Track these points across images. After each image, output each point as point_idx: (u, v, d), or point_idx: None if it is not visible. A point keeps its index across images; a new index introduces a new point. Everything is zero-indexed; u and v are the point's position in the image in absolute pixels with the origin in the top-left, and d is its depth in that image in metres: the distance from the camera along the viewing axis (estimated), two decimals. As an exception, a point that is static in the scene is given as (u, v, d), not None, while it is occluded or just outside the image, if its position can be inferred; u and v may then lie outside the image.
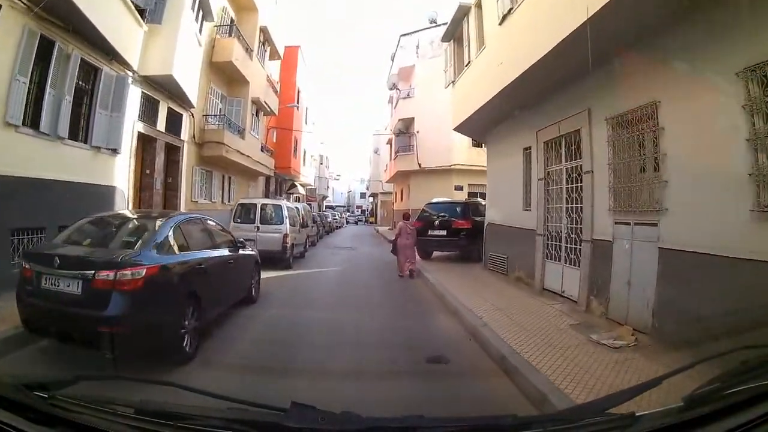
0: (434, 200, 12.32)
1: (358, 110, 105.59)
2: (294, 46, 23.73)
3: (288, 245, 9.43)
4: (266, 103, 16.71)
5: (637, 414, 1.05)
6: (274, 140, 22.39)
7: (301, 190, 29.74)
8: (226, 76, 13.67)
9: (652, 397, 1.25)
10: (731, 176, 3.29)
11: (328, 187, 55.72)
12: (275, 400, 1.15)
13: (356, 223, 48.56)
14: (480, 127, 9.37)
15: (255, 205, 9.88)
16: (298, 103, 25.46)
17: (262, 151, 17.39)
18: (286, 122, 22.55)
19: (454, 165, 20.74)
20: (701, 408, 1.04)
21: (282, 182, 26.20)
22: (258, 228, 9.52)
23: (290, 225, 9.71)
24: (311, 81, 31.38)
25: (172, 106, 10.05)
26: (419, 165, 21.59)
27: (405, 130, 23.34)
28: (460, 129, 10.33)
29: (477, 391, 3.25)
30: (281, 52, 19.23)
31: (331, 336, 4.56)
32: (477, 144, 21.95)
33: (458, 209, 11.17)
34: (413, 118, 22.34)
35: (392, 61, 25.46)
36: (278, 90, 20.96)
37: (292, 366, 3.68)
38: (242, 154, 14.04)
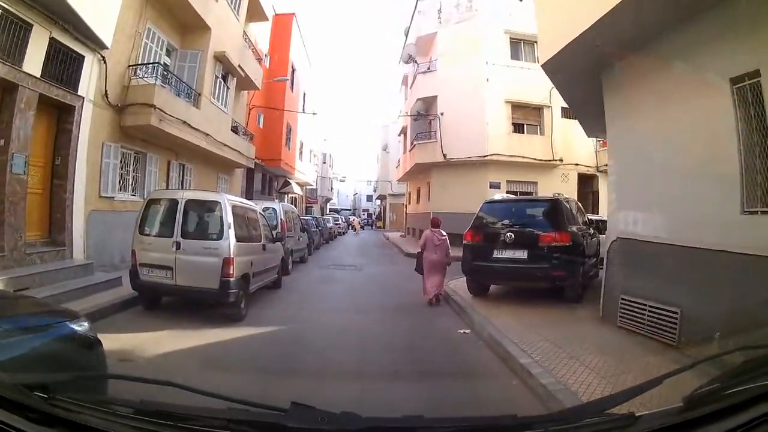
0: (496, 197, 8.76)
1: (366, 110, 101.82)
2: (288, 14, 21.57)
3: (233, 278, 5.82)
4: (241, 69, 13.95)
5: (637, 414, 1.07)
6: (260, 125, 20.30)
7: (297, 190, 25.46)
8: (174, 16, 10.87)
9: (652, 397, 1.24)
10: None
11: (331, 188, 54.72)
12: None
13: (362, 227, 47.14)
14: (593, 59, 5.78)
15: (176, 202, 6.16)
16: (293, 84, 23.27)
17: (236, 133, 14.75)
18: (275, 104, 20.32)
19: (491, 156, 17.81)
20: (701, 408, 1.06)
21: (272, 179, 24.58)
22: (178, 246, 5.88)
23: (240, 240, 6.24)
24: (311, 64, 29.63)
25: (60, 39, 6.98)
26: (444, 156, 18.60)
27: (425, 112, 20.69)
28: (553, 65, 6.42)
29: None
30: (269, 13, 17.21)
31: None
32: (519, 128, 19.23)
33: (544, 213, 7.33)
34: (435, 97, 19.56)
35: (406, 36, 23.43)
36: (266, 62, 19.33)
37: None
38: (195, 129, 10.99)
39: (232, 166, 15.66)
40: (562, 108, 18.30)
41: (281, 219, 10.31)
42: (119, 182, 9.21)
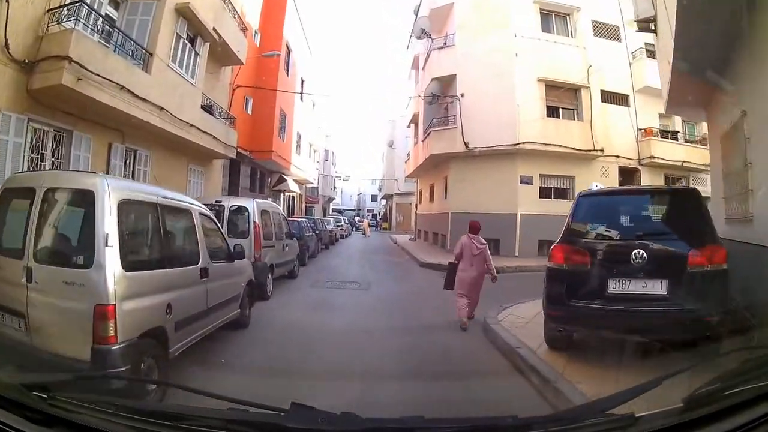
0: (593, 187, 5.60)
1: (370, 109, 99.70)
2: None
3: (115, 346, 2.94)
4: (216, 33, 11.75)
5: (637, 414, 1.11)
6: (248, 111, 18.12)
7: (294, 188, 22.92)
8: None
9: (652, 398, 1.23)
10: None
11: (334, 188, 53.31)
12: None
13: (374, 227, 45.91)
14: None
15: (31, 195, 3.45)
16: (288, 67, 20.87)
17: (209, 113, 12.38)
18: (267, 86, 17.81)
19: (522, 144, 15.66)
20: (701, 408, 1.10)
21: (264, 174, 22.19)
22: (29, 275, 3.24)
23: (141, 265, 3.58)
24: (311, 53, 27.25)
25: None
26: (465, 145, 16.23)
27: (441, 94, 18.07)
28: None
29: None
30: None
31: None
32: (553, 112, 16.60)
33: (677, 213, 4.56)
34: (454, 76, 17.23)
35: (416, 15, 20.96)
36: (256, 40, 17.64)
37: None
38: (142, 99, 8.55)
39: (209, 156, 13.22)
40: (601, 91, 16.70)
41: (254, 222, 7.43)
42: (29, 169, 6.96)
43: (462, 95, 16.46)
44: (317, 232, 17.14)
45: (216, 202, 8.10)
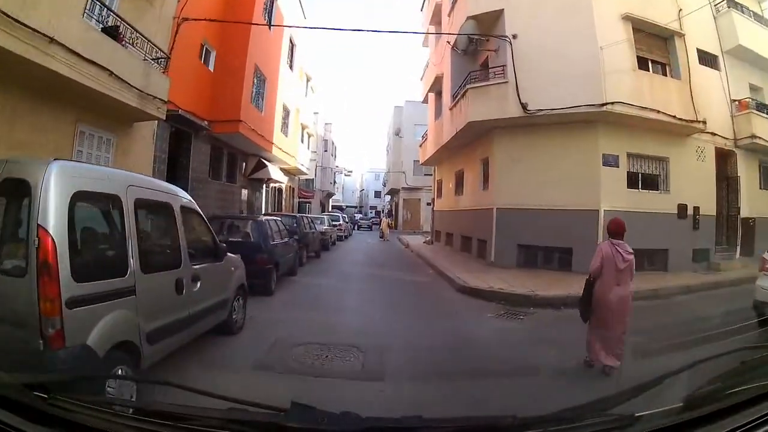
0: None
1: (374, 103, 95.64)
2: None
3: None
4: None
5: (637, 414, 1.11)
6: (209, 66, 13.44)
7: (280, 177, 17.93)
8: None
9: (652, 397, 1.25)
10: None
11: (334, 182, 49.86)
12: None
13: (369, 227, 41.49)
14: None
15: None
16: (270, 18, 15.86)
17: (112, 36, 7.59)
18: (238, 37, 13.46)
19: (610, 106, 10.47)
20: (701, 408, 1.10)
21: (235, 156, 16.85)
22: None
23: None
24: (305, 16, 22.22)
25: None
26: (523, 107, 11.16)
27: (480, 40, 12.90)
28: None
29: None
30: None
31: None
32: (642, 64, 11.70)
33: None
34: (501, 12, 12.27)
35: None
36: None
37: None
38: None
39: (121, 115, 8.26)
40: (697, 50, 12.62)
41: (39, 231, 2.99)
42: None
43: (514, 37, 11.51)
44: (297, 237, 11.35)
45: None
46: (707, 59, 13.25)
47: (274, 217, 10.47)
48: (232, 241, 7.75)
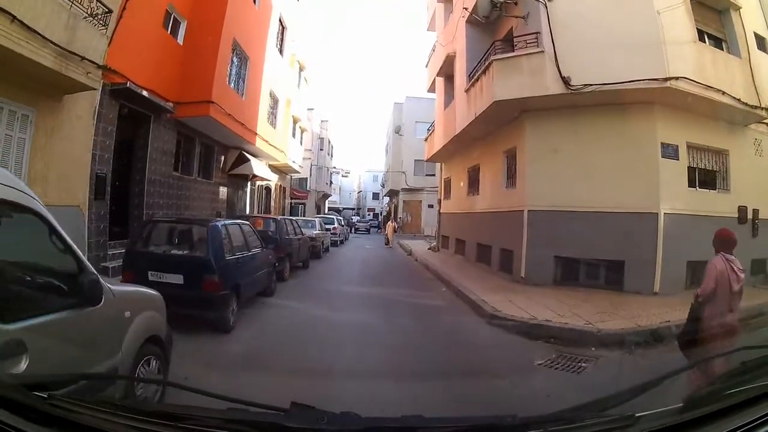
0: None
1: (372, 105, 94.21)
2: None
3: None
4: None
5: (637, 414, 1.10)
6: (178, 39, 11.33)
7: (267, 174, 15.81)
8: None
9: (652, 398, 1.25)
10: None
11: (330, 182, 48.06)
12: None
13: (367, 231, 40.68)
14: None
15: None
16: None
17: None
18: (214, 6, 11.67)
19: (672, 81, 8.25)
20: (701, 408, 1.10)
21: (210, 148, 14.50)
22: None
23: None
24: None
25: None
26: (564, 82, 8.66)
27: (505, 4, 10.43)
28: None
29: None
30: None
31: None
32: (700, 36, 9.67)
33: None
34: None
35: None
36: None
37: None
38: None
39: (47, 83, 6.68)
40: (755, 34, 10.52)
41: None
42: None
43: (549, -1, 9.67)
44: (275, 245, 9.39)
45: None
46: (760, 43, 10.97)
47: (238, 221, 7.60)
48: (173, 255, 5.87)
